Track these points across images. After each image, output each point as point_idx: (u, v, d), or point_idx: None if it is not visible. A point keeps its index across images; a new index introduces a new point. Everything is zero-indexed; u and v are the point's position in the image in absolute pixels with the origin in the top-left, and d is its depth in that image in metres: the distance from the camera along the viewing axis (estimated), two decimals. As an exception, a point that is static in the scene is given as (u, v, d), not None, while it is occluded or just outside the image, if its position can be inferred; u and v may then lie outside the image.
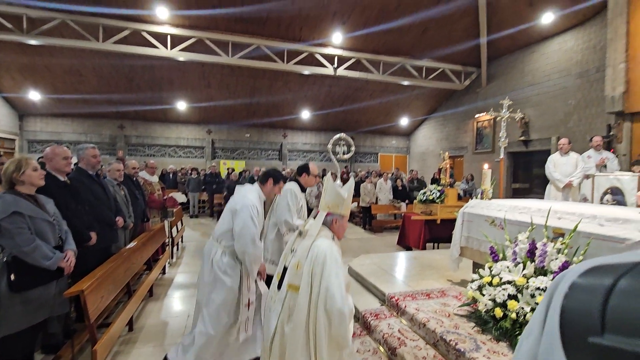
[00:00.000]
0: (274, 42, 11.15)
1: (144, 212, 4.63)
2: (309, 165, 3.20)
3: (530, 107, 11.37)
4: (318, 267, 1.68)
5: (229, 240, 2.45)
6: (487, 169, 3.73)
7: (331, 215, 1.90)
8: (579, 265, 0.50)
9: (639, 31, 6.46)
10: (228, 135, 15.80)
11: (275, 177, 2.70)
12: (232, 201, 2.54)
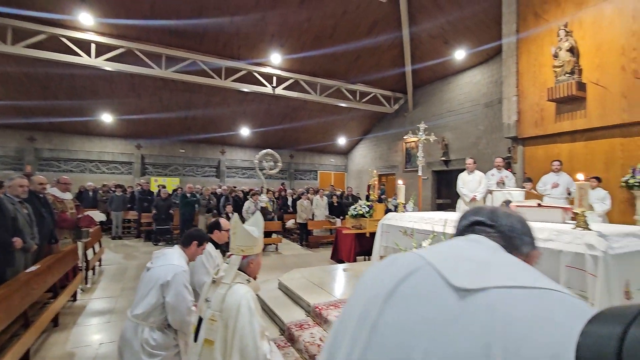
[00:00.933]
0: (212, 58, 11.06)
1: (52, 233, 4.19)
2: (219, 222, 3.10)
3: (449, 131, 12.75)
4: (232, 320, 1.67)
5: (158, 316, 2.22)
6: (401, 185, 4.14)
7: (247, 257, 1.85)
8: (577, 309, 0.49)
9: (525, 71, 7.79)
10: (160, 151, 14.95)
11: (199, 238, 2.53)
12: (156, 272, 2.29)
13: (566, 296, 0.53)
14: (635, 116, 5.96)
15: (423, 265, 0.64)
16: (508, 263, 0.64)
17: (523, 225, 0.79)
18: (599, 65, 6.42)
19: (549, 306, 0.51)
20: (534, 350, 0.46)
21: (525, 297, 0.53)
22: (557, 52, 6.80)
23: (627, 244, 2.27)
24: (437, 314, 0.56)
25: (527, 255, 0.76)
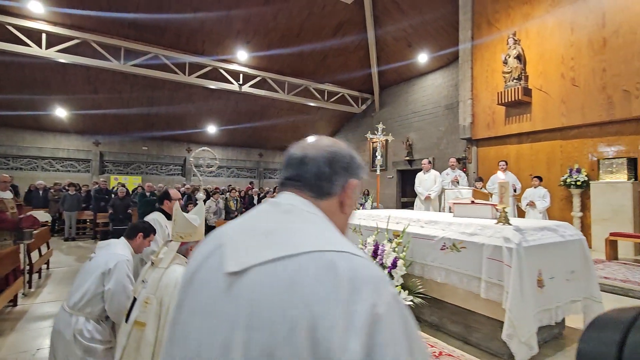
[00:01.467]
0: (174, 52, 10.74)
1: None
2: (169, 192, 3.13)
3: (413, 131, 13.18)
4: (167, 297, 1.64)
5: (95, 306, 2.13)
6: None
7: (186, 244, 1.87)
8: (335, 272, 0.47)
9: (479, 75, 8.22)
10: (121, 148, 14.32)
11: (144, 230, 2.48)
12: (98, 260, 2.23)
13: (335, 258, 0.51)
14: (572, 120, 6.47)
15: (217, 245, 0.60)
16: (284, 225, 0.60)
17: (333, 164, 0.70)
18: (542, 72, 6.91)
19: (301, 276, 0.49)
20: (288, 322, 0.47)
21: (276, 271, 0.51)
22: (506, 58, 7.24)
23: (541, 237, 2.50)
24: (211, 306, 0.54)
25: (343, 192, 0.70)
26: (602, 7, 6.06)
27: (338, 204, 0.71)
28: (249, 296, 0.52)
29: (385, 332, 0.48)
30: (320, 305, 0.48)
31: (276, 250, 0.54)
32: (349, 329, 0.47)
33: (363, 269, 0.52)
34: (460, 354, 2.43)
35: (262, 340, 0.49)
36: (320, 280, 0.49)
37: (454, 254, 2.64)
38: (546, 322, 2.42)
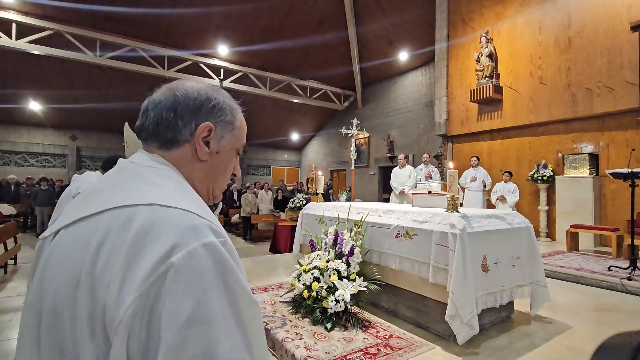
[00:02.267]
0: (153, 46, 10.58)
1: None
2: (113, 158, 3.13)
3: (394, 128, 13.34)
4: None
5: None
6: (320, 176, 4.33)
7: None
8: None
9: (454, 73, 8.39)
10: (99, 143, 14.02)
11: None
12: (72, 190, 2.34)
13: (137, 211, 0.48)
14: (540, 117, 6.69)
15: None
16: (113, 181, 0.57)
17: (180, 111, 0.62)
18: (512, 70, 7.11)
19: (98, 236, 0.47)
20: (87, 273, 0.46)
21: (81, 230, 0.50)
22: (479, 57, 7.42)
23: (487, 224, 2.61)
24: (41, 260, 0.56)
25: (191, 140, 0.62)
26: (568, 8, 6.28)
27: (192, 152, 0.63)
28: (45, 259, 0.53)
29: (174, 283, 0.42)
30: (101, 262, 0.46)
31: (83, 211, 0.51)
32: (127, 283, 0.43)
33: (168, 219, 0.47)
34: (409, 336, 2.53)
35: (48, 299, 0.48)
36: (108, 237, 0.47)
37: (407, 241, 2.73)
38: (491, 305, 2.54)
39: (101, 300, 0.44)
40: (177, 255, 0.44)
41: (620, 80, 5.63)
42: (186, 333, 0.41)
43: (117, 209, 0.49)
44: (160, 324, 0.42)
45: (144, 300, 0.42)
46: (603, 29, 5.81)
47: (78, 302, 0.45)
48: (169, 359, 0.41)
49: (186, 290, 0.43)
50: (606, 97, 5.78)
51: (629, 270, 3.86)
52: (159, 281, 0.43)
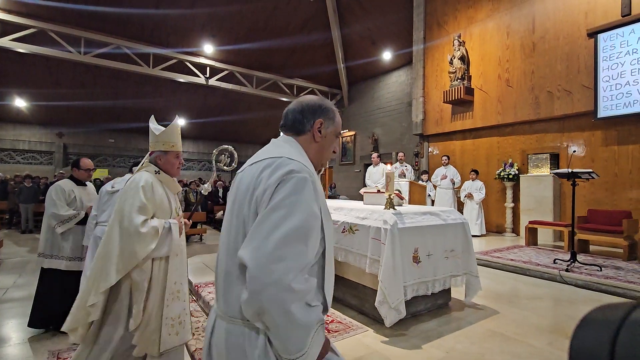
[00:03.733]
0: (137, 44, 10.68)
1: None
2: (79, 161, 3.37)
3: (379, 126, 13.60)
4: (122, 193, 1.93)
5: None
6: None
7: (153, 153, 2.11)
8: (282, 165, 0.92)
9: (430, 75, 8.66)
10: (86, 140, 14.10)
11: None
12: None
13: (273, 159, 0.96)
14: (507, 118, 7.00)
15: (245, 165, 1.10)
16: (269, 148, 1.07)
17: (304, 113, 1.09)
18: (482, 72, 7.40)
19: (259, 169, 0.96)
20: (250, 190, 0.95)
21: (250, 170, 1.00)
22: (452, 59, 7.69)
23: (421, 220, 2.89)
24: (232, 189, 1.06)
25: (311, 130, 1.08)
26: (532, 14, 6.57)
27: (311, 137, 1.09)
28: (238, 181, 1.03)
29: (283, 187, 0.88)
30: (262, 177, 0.93)
31: (254, 159, 1.03)
32: (267, 186, 0.90)
33: (288, 163, 0.93)
34: (349, 321, 2.80)
35: (238, 202, 0.98)
36: (265, 170, 0.95)
37: (350, 235, 2.99)
38: (422, 292, 2.81)
39: (255, 195, 0.93)
40: (290, 175, 0.90)
41: (577, 84, 5.94)
42: (278, 204, 0.87)
43: (269, 158, 0.98)
44: (271, 202, 0.88)
45: (272, 191, 0.89)
46: (563, 35, 6.11)
47: (249, 197, 0.94)
48: (270, 207, 0.87)
49: (288, 188, 0.88)
50: (565, 100, 6.10)
51: (569, 262, 4.18)
52: (281, 182, 0.89)
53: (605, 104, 5.58)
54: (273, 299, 0.81)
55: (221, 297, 0.98)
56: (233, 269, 0.93)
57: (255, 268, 0.82)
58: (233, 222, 0.98)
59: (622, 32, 5.41)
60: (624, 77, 5.38)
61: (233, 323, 0.93)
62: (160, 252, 1.94)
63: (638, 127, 5.47)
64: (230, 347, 0.92)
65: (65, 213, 3.12)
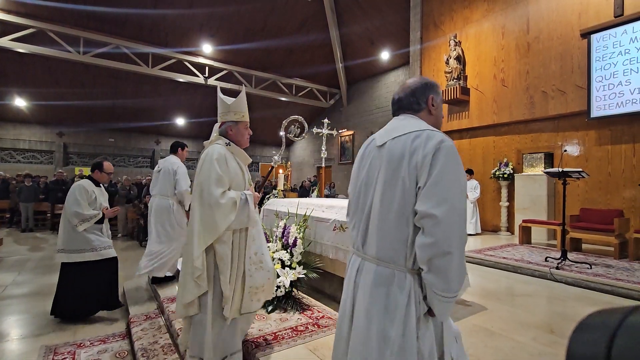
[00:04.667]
0: (136, 44, 10.75)
1: None
2: (102, 163, 3.61)
3: (377, 126, 13.63)
4: (199, 167, 1.99)
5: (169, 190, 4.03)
6: (281, 174, 4.64)
7: (224, 124, 2.12)
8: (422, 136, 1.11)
9: (426, 74, 8.70)
10: (86, 139, 14.18)
11: (180, 145, 4.22)
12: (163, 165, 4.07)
13: (419, 132, 1.15)
14: (502, 118, 7.04)
15: (372, 138, 1.34)
16: (401, 125, 1.24)
17: (413, 94, 1.31)
18: (478, 73, 7.44)
19: (409, 140, 1.14)
20: (406, 157, 1.13)
21: (398, 141, 1.18)
22: (448, 59, 7.73)
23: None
24: (371, 162, 1.26)
25: (426, 106, 1.31)
26: (527, 15, 6.61)
27: (427, 111, 1.31)
28: (386, 151, 1.20)
29: (440, 154, 1.07)
30: (415, 147, 1.12)
31: (396, 133, 1.21)
32: (425, 153, 1.08)
33: (434, 135, 1.12)
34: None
35: (392, 166, 1.16)
36: (415, 140, 1.13)
37: (341, 233, 3.05)
38: (411, 289, 2.87)
39: (414, 160, 1.11)
40: (442, 144, 1.09)
41: (571, 84, 5.99)
42: (443, 168, 1.05)
43: (414, 131, 1.17)
44: (433, 169, 1.06)
45: (431, 157, 1.07)
46: (557, 35, 6.15)
47: (407, 161, 1.12)
48: (440, 171, 1.05)
49: (446, 155, 1.07)
50: (559, 100, 6.14)
51: (560, 260, 4.23)
52: (437, 150, 1.08)
53: (599, 103, 5.63)
54: (457, 245, 1.03)
55: (373, 244, 1.19)
56: (390, 219, 1.14)
57: (446, 221, 1.01)
58: (386, 181, 1.17)
59: (614, 33, 5.45)
60: (616, 77, 5.43)
61: (383, 266, 1.15)
62: (240, 223, 2.00)
63: (631, 127, 5.51)
64: (375, 286, 1.15)
65: (87, 213, 3.40)
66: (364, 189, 1.26)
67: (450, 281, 1.04)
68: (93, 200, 3.47)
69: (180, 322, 3.04)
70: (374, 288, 1.14)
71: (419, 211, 1.06)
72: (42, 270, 5.53)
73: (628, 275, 3.87)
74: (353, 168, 1.38)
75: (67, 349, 2.98)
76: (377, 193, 1.18)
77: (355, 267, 1.24)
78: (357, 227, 1.27)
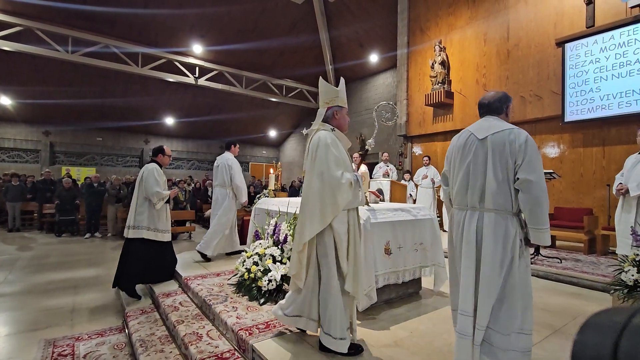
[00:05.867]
0: (126, 43, 10.74)
1: None
2: (163, 147, 4.19)
3: (366, 127, 13.92)
4: (313, 153, 2.18)
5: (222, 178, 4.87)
6: (272, 174, 4.81)
7: (330, 108, 2.29)
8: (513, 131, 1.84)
9: (413, 78, 9.00)
10: (73, 138, 14.04)
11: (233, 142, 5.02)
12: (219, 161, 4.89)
13: (511, 129, 1.84)
14: (484, 121, 7.36)
15: (469, 133, 1.98)
16: (493, 124, 1.89)
17: (499, 101, 1.99)
18: (461, 78, 7.76)
19: (507, 135, 1.82)
20: (509, 150, 1.80)
21: (499, 135, 1.84)
22: (433, 64, 8.03)
23: (393, 215, 3.17)
24: (474, 152, 1.90)
25: (505, 110, 2.00)
26: (507, 23, 6.95)
27: (505, 114, 2.01)
28: (490, 143, 1.85)
29: (529, 144, 1.77)
30: (512, 139, 1.80)
31: (494, 130, 1.87)
32: (520, 143, 1.77)
33: (520, 131, 1.83)
34: (326, 308, 3.07)
35: (497, 151, 1.82)
36: (511, 135, 1.81)
37: (329, 230, 3.26)
38: (393, 281, 3.09)
39: (513, 147, 1.79)
40: (527, 137, 1.81)
41: (547, 90, 6.34)
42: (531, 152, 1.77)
43: (506, 129, 1.85)
44: (526, 153, 1.77)
45: (524, 145, 1.79)
46: (534, 44, 6.50)
47: (505, 147, 1.81)
48: (531, 154, 1.76)
49: (533, 145, 1.80)
50: (536, 105, 6.49)
51: (533, 255, 4.54)
52: (526, 141, 1.79)
53: (572, 109, 5.98)
54: (544, 196, 1.73)
55: (490, 200, 1.82)
56: (501, 185, 1.81)
57: (537, 183, 1.72)
58: (491, 162, 1.83)
59: (586, 42, 5.81)
60: (587, 84, 5.79)
61: (499, 213, 1.81)
62: (355, 202, 2.23)
63: (601, 131, 5.88)
64: (497, 226, 1.79)
65: (165, 192, 3.96)
66: (472, 167, 1.90)
67: (541, 219, 1.75)
68: (163, 182, 4.00)
69: (176, 315, 3.20)
70: (497, 224, 1.80)
71: (520, 178, 1.75)
72: (34, 269, 5.57)
73: (593, 269, 4.19)
74: (452, 153, 2.06)
75: (66, 342, 3.11)
76: (490, 169, 1.83)
77: (475, 218, 1.88)
78: (472, 192, 1.90)
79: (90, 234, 8.35)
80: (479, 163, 1.86)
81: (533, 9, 6.52)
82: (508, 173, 1.80)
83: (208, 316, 3.14)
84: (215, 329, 2.90)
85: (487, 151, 1.83)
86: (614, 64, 5.54)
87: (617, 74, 5.52)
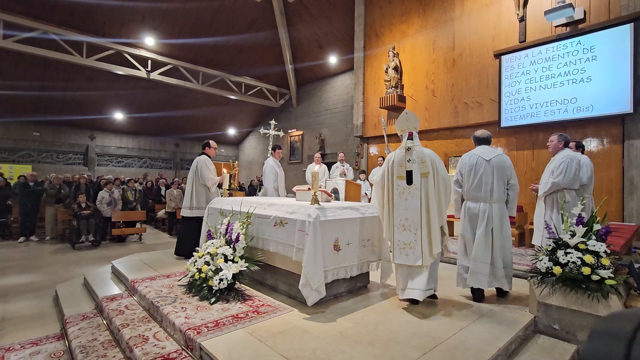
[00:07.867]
0: (67, 31, 9.96)
1: None
2: (209, 142, 5.24)
3: (325, 127, 14.14)
4: (434, 163, 3.16)
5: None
6: (225, 173, 4.79)
7: (413, 133, 3.31)
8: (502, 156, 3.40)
9: (369, 81, 9.34)
10: (5, 133, 12.72)
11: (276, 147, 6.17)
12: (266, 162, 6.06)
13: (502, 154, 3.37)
14: (432, 125, 7.86)
15: (477, 156, 3.38)
16: (490, 150, 3.38)
17: (489, 138, 3.48)
18: (413, 83, 8.21)
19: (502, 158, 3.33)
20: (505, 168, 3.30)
21: (498, 158, 3.31)
22: (387, 68, 8.40)
23: (341, 214, 3.32)
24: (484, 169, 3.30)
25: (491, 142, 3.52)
26: (453, 33, 7.48)
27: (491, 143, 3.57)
28: (494, 164, 3.29)
29: (511, 164, 3.35)
30: (504, 160, 3.32)
31: (494, 154, 3.35)
32: (509, 164, 3.33)
33: (506, 156, 3.39)
34: (277, 304, 3.14)
35: (500, 168, 3.28)
36: (503, 158, 3.34)
37: (281, 228, 3.33)
38: (342, 276, 3.25)
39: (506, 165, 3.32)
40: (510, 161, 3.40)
41: (487, 98, 6.93)
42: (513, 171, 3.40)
43: (500, 154, 3.39)
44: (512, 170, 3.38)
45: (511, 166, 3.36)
46: (476, 54, 7.07)
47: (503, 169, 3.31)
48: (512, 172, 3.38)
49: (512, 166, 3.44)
50: (477, 111, 7.07)
51: (471, 249, 4.96)
52: (510, 165, 3.39)
53: (507, 115, 6.60)
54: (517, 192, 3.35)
55: (495, 196, 3.25)
56: (500, 186, 3.25)
57: (517, 185, 3.32)
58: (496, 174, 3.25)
59: (519, 56, 6.45)
60: (520, 93, 6.43)
61: (500, 203, 3.27)
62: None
63: (531, 136, 6.56)
64: (500, 211, 3.26)
65: (216, 178, 5.05)
66: (484, 178, 3.26)
67: (515, 203, 3.38)
68: (213, 169, 5.00)
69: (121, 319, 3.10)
70: (500, 209, 3.26)
71: (510, 183, 3.30)
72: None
73: (520, 259, 4.69)
74: (464, 167, 3.40)
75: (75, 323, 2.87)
76: (496, 179, 3.24)
77: (482, 207, 3.27)
78: (485, 192, 3.25)
79: (25, 238, 7.66)
80: (488, 174, 3.26)
81: (475, 22, 7.09)
82: (504, 180, 3.27)
83: (156, 318, 3.08)
84: (163, 330, 2.86)
85: (493, 168, 3.25)
86: (541, 76, 6.21)
87: (543, 85, 6.19)
